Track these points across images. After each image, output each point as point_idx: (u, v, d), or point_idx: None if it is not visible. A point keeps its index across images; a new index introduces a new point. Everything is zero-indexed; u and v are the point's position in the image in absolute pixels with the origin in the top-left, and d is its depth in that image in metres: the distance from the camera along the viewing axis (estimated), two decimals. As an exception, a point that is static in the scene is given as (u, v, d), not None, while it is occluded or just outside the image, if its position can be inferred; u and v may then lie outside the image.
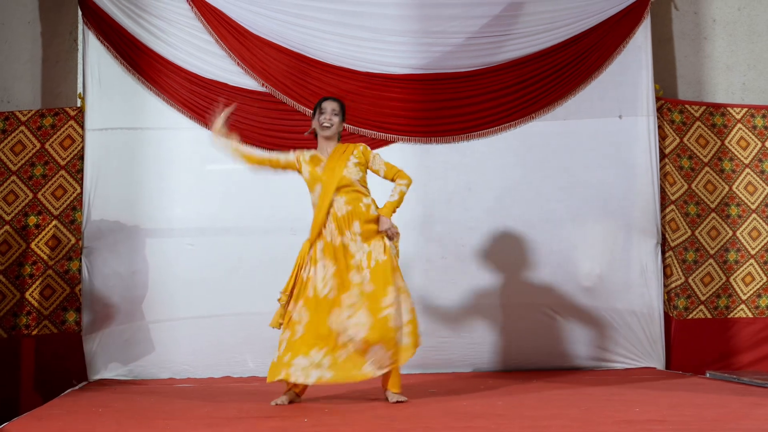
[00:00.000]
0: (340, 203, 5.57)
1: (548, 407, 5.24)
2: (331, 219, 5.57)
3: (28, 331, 7.02)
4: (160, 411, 5.35)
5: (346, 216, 5.56)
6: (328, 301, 5.47)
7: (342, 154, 5.64)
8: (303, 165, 5.68)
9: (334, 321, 5.43)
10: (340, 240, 5.55)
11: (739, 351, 7.63)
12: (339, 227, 5.55)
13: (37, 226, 7.10)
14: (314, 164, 5.66)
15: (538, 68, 7.57)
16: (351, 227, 5.55)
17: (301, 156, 5.71)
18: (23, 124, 7.15)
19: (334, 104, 5.72)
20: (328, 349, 5.41)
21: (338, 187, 5.58)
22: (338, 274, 5.51)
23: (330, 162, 5.63)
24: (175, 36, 7.36)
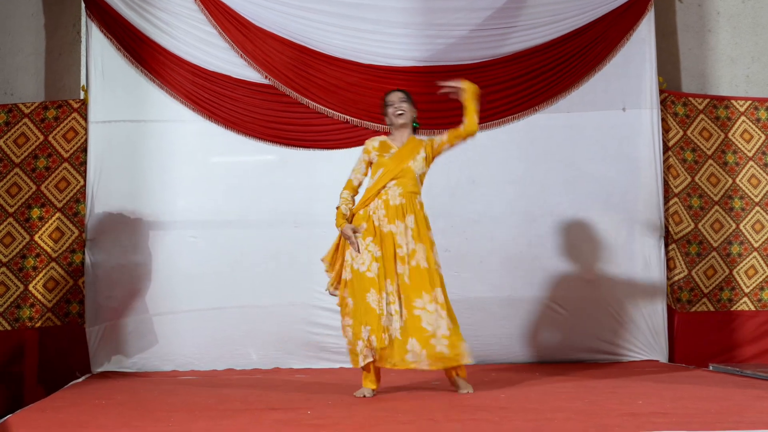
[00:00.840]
0: (395, 193, 5.57)
1: (552, 400, 5.24)
2: (381, 205, 5.57)
3: (32, 323, 7.03)
4: (163, 403, 5.35)
5: (399, 207, 5.56)
6: (369, 279, 5.44)
7: (413, 148, 5.67)
8: (371, 152, 5.68)
9: (375, 301, 5.41)
10: (389, 229, 5.54)
11: (742, 344, 7.62)
12: (389, 216, 5.54)
13: (40, 219, 7.11)
14: (383, 150, 5.67)
15: (542, 61, 7.56)
16: (404, 220, 5.56)
17: (370, 143, 5.72)
18: (26, 116, 7.15)
19: (399, 94, 5.74)
20: (371, 329, 5.38)
21: (398, 176, 5.58)
22: (382, 259, 5.49)
23: (400, 151, 5.65)
24: (178, 28, 7.35)
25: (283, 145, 7.38)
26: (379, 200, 5.58)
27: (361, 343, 5.39)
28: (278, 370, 7.13)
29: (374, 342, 5.35)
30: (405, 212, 5.57)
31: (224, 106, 7.35)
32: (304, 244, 7.23)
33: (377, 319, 5.36)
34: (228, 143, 7.37)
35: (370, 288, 5.42)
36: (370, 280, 5.44)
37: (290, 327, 7.23)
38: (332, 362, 7.20)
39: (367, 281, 5.44)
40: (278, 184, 7.34)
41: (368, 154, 5.69)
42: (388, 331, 5.38)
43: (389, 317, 5.40)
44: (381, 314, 5.37)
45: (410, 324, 5.40)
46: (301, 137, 7.39)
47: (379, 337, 5.35)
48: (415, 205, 5.62)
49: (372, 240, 5.52)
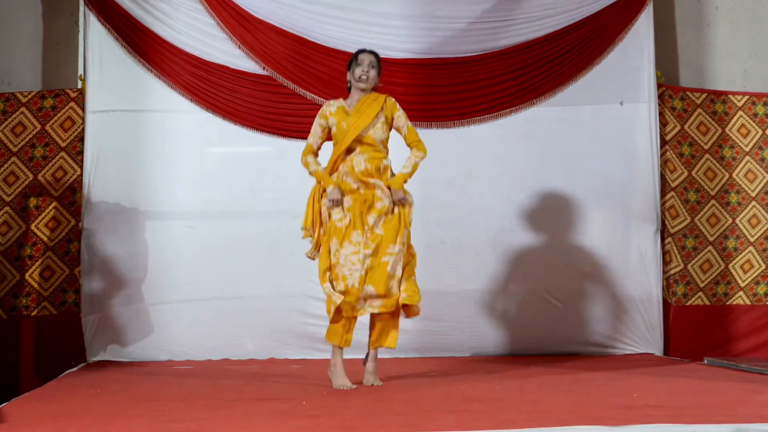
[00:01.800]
0: (360, 160, 5.56)
1: (547, 392, 5.25)
2: (348, 171, 5.55)
3: (28, 312, 7.03)
4: (159, 393, 5.36)
5: (364, 171, 5.54)
6: (337, 229, 5.50)
7: (370, 105, 5.61)
8: (329, 118, 5.65)
9: (335, 254, 5.48)
10: (365, 188, 5.54)
11: (737, 338, 7.64)
12: (358, 180, 5.53)
13: (37, 208, 7.10)
14: (341, 117, 5.62)
15: (540, 54, 7.56)
16: (374, 177, 5.55)
17: (327, 109, 5.69)
18: (24, 105, 7.15)
19: (371, 56, 5.68)
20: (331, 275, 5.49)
21: (361, 143, 5.56)
22: (353, 209, 5.51)
23: (357, 112, 5.59)
24: (176, 19, 7.34)
25: (281, 136, 7.38)
26: (345, 167, 5.57)
27: (328, 285, 5.47)
28: (274, 361, 7.13)
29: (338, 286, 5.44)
30: (371, 175, 5.56)
31: (222, 96, 7.34)
32: (301, 235, 7.21)
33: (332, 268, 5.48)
34: (226, 134, 7.37)
35: (333, 237, 5.50)
36: (337, 230, 5.50)
37: (286, 317, 7.24)
38: (328, 353, 7.10)
39: (334, 230, 5.51)
40: (276, 175, 7.34)
41: (326, 119, 5.66)
42: (346, 280, 5.43)
43: (343, 269, 5.45)
44: (335, 263, 5.47)
45: (376, 270, 5.46)
46: (299, 128, 7.36)
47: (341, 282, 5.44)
48: (379, 168, 5.59)
49: (346, 195, 5.55)
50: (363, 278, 5.44)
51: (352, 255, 5.45)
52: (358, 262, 5.44)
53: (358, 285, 5.42)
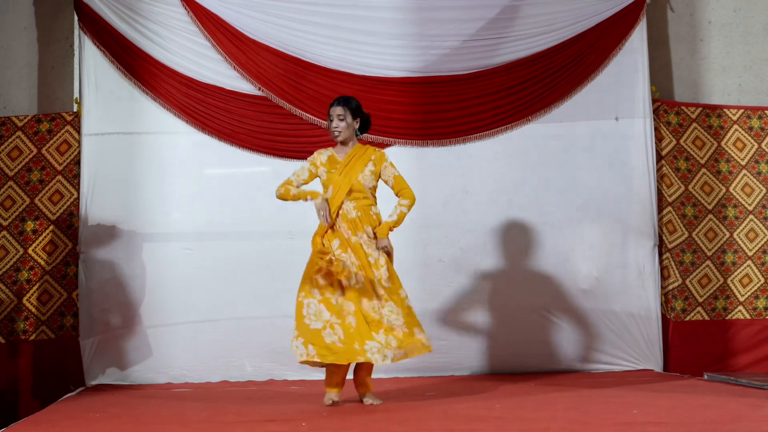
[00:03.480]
0: (350, 207, 5.65)
1: (547, 410, 5.24)
2: (341, 220, 5.64)
3: (26, 336, 7.01)
4: (158, 416, 5.35)
5: (356, 219, 5.63)
6: (357, 291, 5.54)
7: (360, 158, 5.71)
8: (320, 167, 5.74)
9: (368, 307, 5.52)
10: (356, 239, 5.62)
11: (737, 353, 7.62)
12: (352, 228, 5.62)
13: (34, 232, 7.10)
14: (331, 166, 5.72)
15: (535, 71, 7.58)
16: (363, 230, 5.63)
17: (318, 158, 5.77)
18: (20, 129, 7.15)
19: (337, 109, 5.73)
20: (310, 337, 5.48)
21: (350, 191, 5.65)
22: (362, 267, 5.58)
23: (346, 164, 5.69)
24: (171, 40, 7.36)
25: (277, 157, 7.38)
26: (338, 218, 5.66)
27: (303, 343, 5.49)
28: (273, 382, 7.12)
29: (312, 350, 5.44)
30: (362, 223, 5.64)
31: (218, 118, 7.35)
32: (299, 255, 7.17)
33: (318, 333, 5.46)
34: (222, 155, 7.37)
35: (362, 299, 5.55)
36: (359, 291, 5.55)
37: (285, 339, 7.12)
38: (327, 373, 7.18)
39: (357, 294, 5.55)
40: (272, 196, 7.28)
41: (315, 167, 5.75)
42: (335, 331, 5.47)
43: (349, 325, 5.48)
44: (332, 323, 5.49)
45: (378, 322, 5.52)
46: (295, 149, 7.38)
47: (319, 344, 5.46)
48: (370, 216, 5.69)
49: (350, 251, 5.62)
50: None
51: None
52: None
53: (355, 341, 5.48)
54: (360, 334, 5.46)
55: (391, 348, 5.44)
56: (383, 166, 5.75)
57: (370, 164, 5.71)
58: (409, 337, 5.51)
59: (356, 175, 5.66)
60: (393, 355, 5.44)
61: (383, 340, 5.45)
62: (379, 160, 5.75)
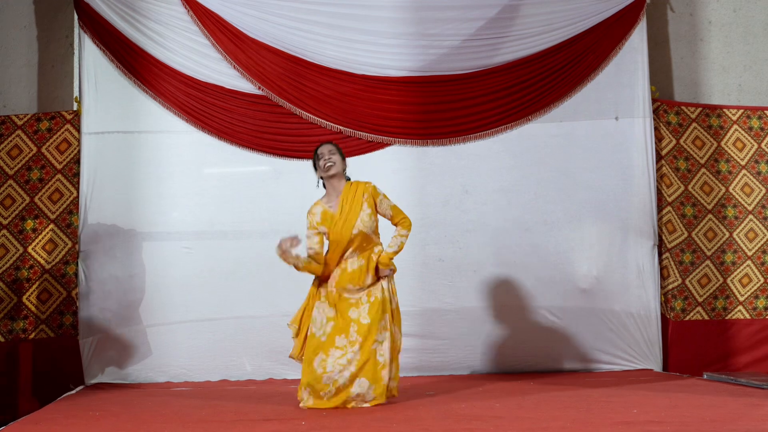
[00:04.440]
0: (353, 259, 5.61)
1: (546, 409, 5.24)
2: (338, 274, 5.60)
3: (26, 335, 7.01)
4: (157, 415, 5.34)
5: (357, 271, 5.58)
6: (321, 343, 5.53)
7: (352, 201, 5.60)
8: (319, 227, 5.63)
9: (321, 364, 5.48)
10: (337, 292, 5.58)
11: (737, 352, 7.62)
12: (341, 281, 5.58)
13: (33, 230, 7.10)
14: (327, 221, 5.61)
15: (535, 70, 7.57)
16: (363, 282, 5.58)
17: (313, 219, 5.64)
18: (19, 128, 7.15)
19: (327, 146, 5.71)
20: (311, 390, 5.48)
21: (351, 241, 5.59)
22: (336, 317, 5.56)
23: (342, 214, 5.59)
24: (171, 39, 7.36)
25: (277, 156, 7.39)
26: (338, 269, 5.62)
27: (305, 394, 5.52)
28: (272, 381, 7.11)
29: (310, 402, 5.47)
30: (363, 274, 5.60)
31: (217, 116, 7.35)
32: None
33: (319, 380, 5.44)
34: (221, 154, 7.37)
35: (319, 352, 5.51)
36: (320, 343, 5.52)
37: (284, 338, 7.15)
38: (327, 373, 7.18)
39: (320, 345, 5.52)
40: (272, 195, 7.34)
41: (315, 230, 5.63)
42: (327, 388, 5.45)
43: (332, 374, 5.45)
44: (323, 374, 5.45)
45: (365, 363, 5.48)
46: (295, 147, 7.38)
47: (316, 396, 5.46)
48: (371, 261, 5.62)
49: (328, 303, 5.60)
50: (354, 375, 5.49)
51: (340, 359, 5.49)
52: (348, 362, 5.48)
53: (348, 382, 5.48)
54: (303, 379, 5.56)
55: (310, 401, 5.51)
56: (378, 201, 5.64)
57: (365, 206, 5.60)
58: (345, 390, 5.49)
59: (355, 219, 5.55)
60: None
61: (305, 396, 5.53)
62: (373, 193, 5.64)
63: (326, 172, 5.65)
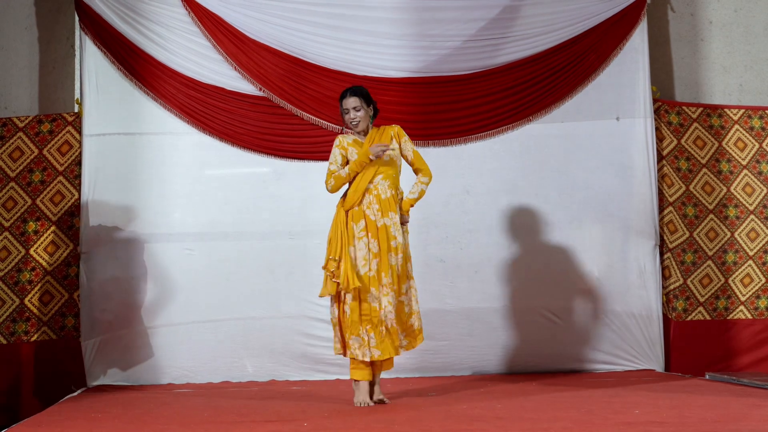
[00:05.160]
0: (384, 186, 5.71)
1: (548, 409, 5.24)
2: (374, 200, 5.69)
3: (27, 337, 7.01)
4: (160, 416, 5.34)
5: (390, 199, 5.70)
6: (369, 278, 5.60)
7: (381, 138, 5.77)
8: (348, 149, 5.76)
9: (374, 298, 5.58)
10: (383, 222, 5.67)
11: (739, 352, 7.62)
12: (382, 209, 5.68)
13: (35, 232, 7.10)
14: (358, 147, 5.76)
15: (536, 71, 7.58)
16: (396, 211, 5.72)
17: (343, 140, 5.79)
18: (21, 130, 7.15)
19: (351, 101, 5.77)
20: (371, 326, 5.57)
21: (382, 169, 5.71)
22: (380, 254, 5.63)
23: (369, 143, 5.74)
24: (172, 41, 7.36)
25: (278, 157, 7.39)
26: (370, 195, 5.70)
27: (358, 340, 5.56)
28: (274, 383, 7.11)
29: (373, 340, 5.54)
30: (393, 203, 5.72)
31: (218, 118, 7.35)
32: (300, 256, 7.24)
33: (377, 315, 5.56)
34: (222, 155, 7.37)
35: (370, 288, 5.59)
36: (372, 279, 5.59)
37: (286, 339, 7.23)
38: (328, 374, 7.19)
39: (369, 281, 5.59)
40: (273, 196, 7.35)
41: (344, 149, 5.76)
42: (384, 324, 5.57)
43: (386, 310, 5.57)
44: (379, 310, 5.56)
45: (398, 310, 5.66)
46: (296, 149, 7.39)
47: (377, 332, 5.55)
48: (399, 194, 5.81)
49: (371, 236, 5.65)
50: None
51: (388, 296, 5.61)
52: (390, 304, 5.60)
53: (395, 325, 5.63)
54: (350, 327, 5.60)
55: (369, 346, 5.56)
56: (403, 141, 5.82)
57: (393, 141, 5.78)
58: (395, 333, 5.63)
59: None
60: (369, 356, 5.57)
61: (365, 338, 5.57)
62: (398, 135, 5.82)
63: (354, 128, 5.81)
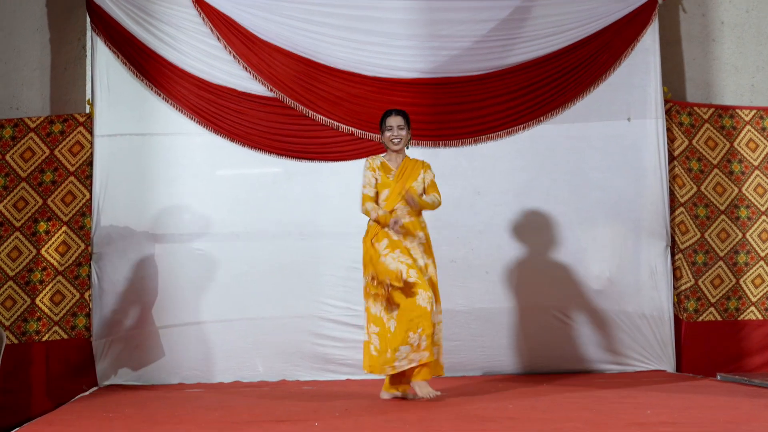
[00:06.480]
0: (403, 213, 5.86)
1: (559, 410, 5.23)
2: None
3: (39, 336, 7.03)
4: (171, 416, 5.35)
5: (409, 224, 5.84)
6: (409, 284, 5.65)
7: (413, 170, 5.96)
8: (376, 171, 5.94)
9: (428, 300, 5.61)
10: (405, 244, 5.81)
11: (750, 353, 7.61)
12: (403, 233, 5.81)
13: (47, 233, 7.12)
14: (385, 171, 5.93)
15: (546, 71, 7.57)
16: (416, 236, 5.86)
17: (373, 163, 5.97)
18: (32, 130, 7.17)
19: (398, 119, 5.96)
20: (423, 328, 5.59)
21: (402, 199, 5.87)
22: (414, 265, 5.72)
23: (402, 173, 5.93)
24: (183, 42, 7.37)
25: (289, 158, 7.40)
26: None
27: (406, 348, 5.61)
28: (285, 383, 7.12)
29: (423, 343, 5.59)
30: (415, 229, 5.87)
31: (229, 119, 7.36)
32: (310, 256, 7.24)
33: (429, 316, 5.59)
34: (233, 156, 7.38)
35: (418, 290, 5.62)
36: (414, 284, 5.64)
37: (297, 339, 7.23)
38: (339, 374, 7.19)
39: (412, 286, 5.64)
40: (284, 197, 7.35)
41: (374, 171, 5.94)
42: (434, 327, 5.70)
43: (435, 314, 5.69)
44: (432, 311, 5.62)
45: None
46: (306, 149, 7.40)
47: (428, 333, 5.59)
48: (421, 222, 5.94)
49: (399, 251, 5.75)
50: None
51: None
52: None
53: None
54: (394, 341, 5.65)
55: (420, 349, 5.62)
56: (427, 173, 6.01)
57: (421, 173, 5.96)
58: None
59: (411, 182, 5.90)
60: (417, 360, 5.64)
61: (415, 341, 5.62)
62: (427, 168, 6.03)
63: (392, 146, 5.96)
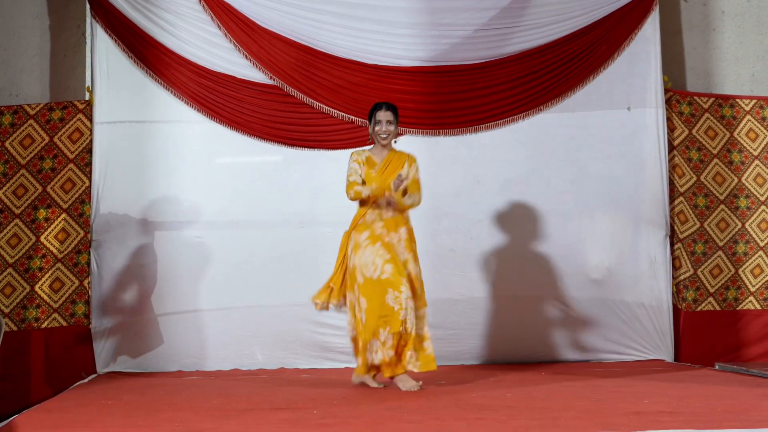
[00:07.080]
0: (387, 209, 5.88)
1: (558, 399, 5.24)
2: (377, 217, 5.86)
3: (38, 324, 7.03)
4: (169, 403, 5.36)
5: (392, 220, 5.86)
6: (381, 281, 5.68)
7: (395, 165, 5.94)
8: (361, 165, 5.96)
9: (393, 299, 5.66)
10: (388, 239, 5.82)
11: (748, 343, 7.61)
12: (386, 227, 5.84)
13: (46, 220, 7.11)
14: (369, 166, 5.94)
15: (547, 60, 7.56)
16: (398, 231, 5.87)
17: (358, 157, 5.98)
18: (32, 117, 7.16)
19: (387, 114, 5.97)
20: (390, 328, 5.65)
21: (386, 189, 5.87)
22: (393, 260, 5.74)
23: (386, 166, 5.93)
24: (183, 29, 7.36)
25: (288, 146, 7.39)
26: (374, 213, 5.88)
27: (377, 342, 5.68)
28: (284, 370, 7.13)
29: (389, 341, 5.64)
30: (398, 224, 5.89)
31: (229, 106, 7.36)
32: (310, 244, 7.24)
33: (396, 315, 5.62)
34: (233, 144, 7.38)
35: (388, 289, 5.66)
36: (386, 281, 5.68)
37: (296, 327, 7.24)
38: (338, 362, 7.20)
39: (384, 283, 5.68)
40: (283, 185, 7.35)
41: (359, 164, 5.95)
42: (406, 324, 5.65)
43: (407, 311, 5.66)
44: (400, 309, 5.63)
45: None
46: (306, 137, 7.39)
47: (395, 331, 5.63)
48: (404, 216, 5.94)
49: (380, 245, 5.78)
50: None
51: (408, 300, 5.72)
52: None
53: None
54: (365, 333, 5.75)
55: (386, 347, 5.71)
56: (412, 168, 5.98)
57: (405, 166, 5.94)
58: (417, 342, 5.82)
59: (394, 177, 5.85)
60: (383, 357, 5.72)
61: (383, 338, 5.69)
62: (411, 162, 5.99)
63: (380, 140, 5.98)
